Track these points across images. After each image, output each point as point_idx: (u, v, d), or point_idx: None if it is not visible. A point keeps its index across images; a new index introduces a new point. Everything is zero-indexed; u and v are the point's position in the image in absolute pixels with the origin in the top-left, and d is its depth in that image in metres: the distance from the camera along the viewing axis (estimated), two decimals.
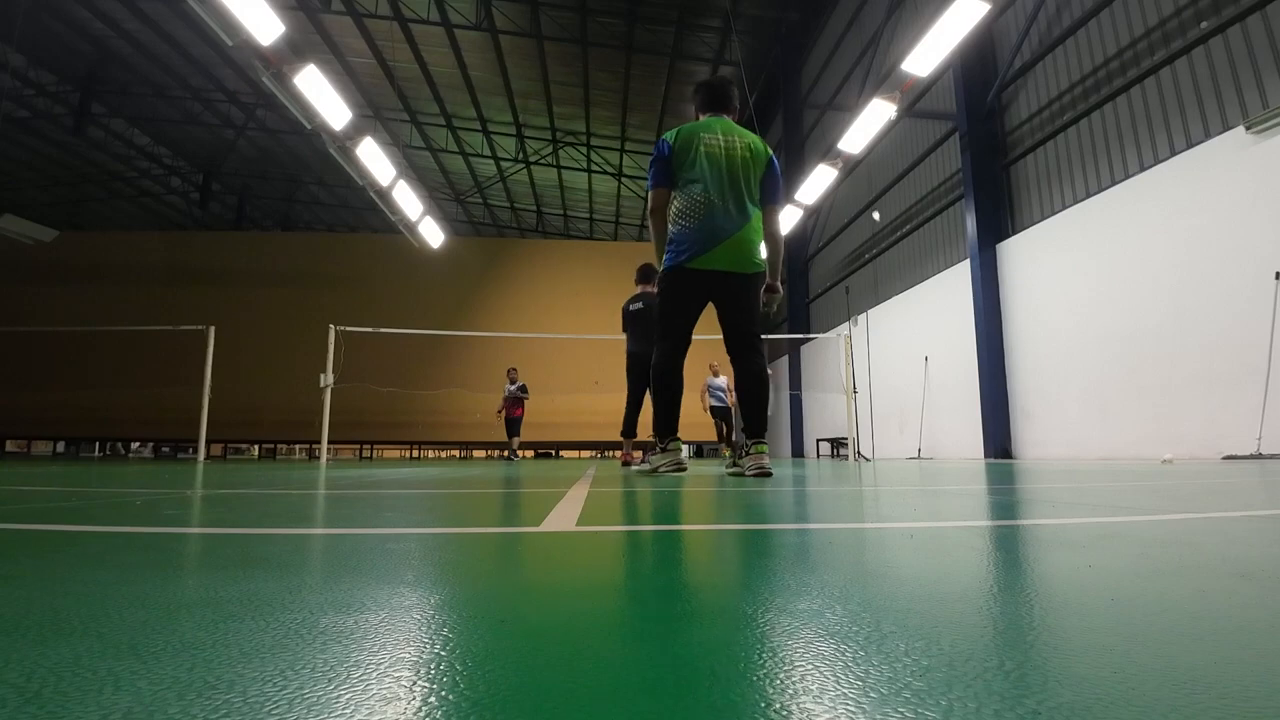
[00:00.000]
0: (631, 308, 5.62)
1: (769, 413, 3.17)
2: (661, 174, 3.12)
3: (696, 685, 0.35)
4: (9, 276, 15.10)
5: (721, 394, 11.09)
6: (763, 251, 3.23)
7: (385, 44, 14.95)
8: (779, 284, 3.38)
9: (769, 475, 2.90)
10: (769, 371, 2.92)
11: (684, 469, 3.24)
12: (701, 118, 3.29)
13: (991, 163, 8.92)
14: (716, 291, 3.12)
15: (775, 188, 3.21)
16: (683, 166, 3.10)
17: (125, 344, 13.98)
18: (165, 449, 18.44)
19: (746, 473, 2.94)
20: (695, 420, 14.42)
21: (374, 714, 0.31)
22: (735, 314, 3.15)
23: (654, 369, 3.15)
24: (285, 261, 15.65)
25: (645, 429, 5.51)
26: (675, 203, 3.11)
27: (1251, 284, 5.48)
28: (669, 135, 3.16)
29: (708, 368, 11.10)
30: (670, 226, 3.10)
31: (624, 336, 5.74)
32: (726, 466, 3.60)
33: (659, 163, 3.13)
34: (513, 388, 11.32)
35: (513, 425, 11.30)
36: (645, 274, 5.67)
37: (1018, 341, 8.36)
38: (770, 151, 3.23)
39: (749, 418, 3.11)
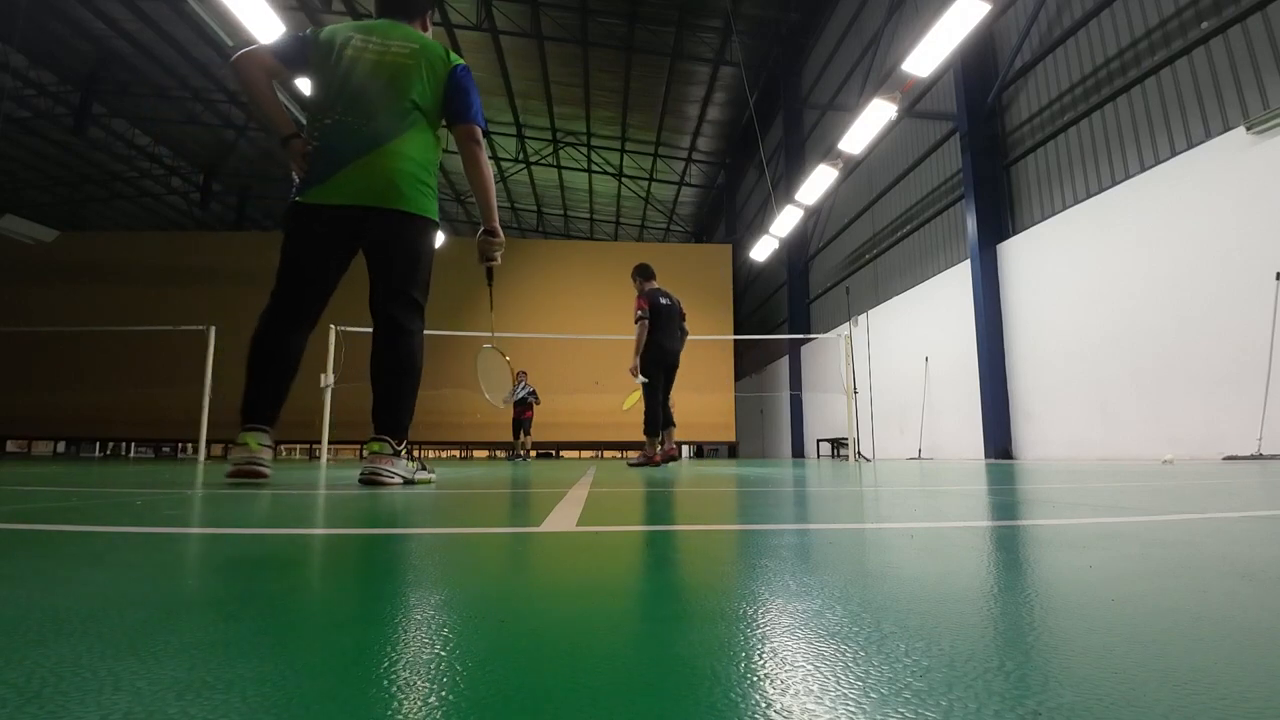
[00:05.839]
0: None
1: (406, 404, 2.42)
2: (286, 46, 2.49)
3: (697, 685, 0.35)
4: (9, 276, 15.11)
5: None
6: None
7: None
8: (495, 226, 2.72)
9: (380, 485, 2.21)
10: (415, 352, 2.52)
11: (259, 475, 2.30)
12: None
13: (992, 163, 8.91)
14: (356, 237, 2.41)
15: (463, 104, 2.45)
16: (322, 67, 2.45)
17: (125, 344, 13.97)
18: (165, 449, 18.45)
19: (360, 476, 2.27)
20: (694, 420, 14.50)
21: (375, 714, 0.31)
22: (377, 268, 2.42)
23: (253, 335, 2.36)
24: None
25: (635, 429, 5.50)
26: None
27: (1251, 284, 5.47)
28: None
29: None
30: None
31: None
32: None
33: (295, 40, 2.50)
34: (522, 391, 11.38)
35: (522, 426, 11.45)
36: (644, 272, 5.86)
37: (1018, 342, 8.36)
38: (458, 62, 2.51)
39: (375, 406, 2.40)
